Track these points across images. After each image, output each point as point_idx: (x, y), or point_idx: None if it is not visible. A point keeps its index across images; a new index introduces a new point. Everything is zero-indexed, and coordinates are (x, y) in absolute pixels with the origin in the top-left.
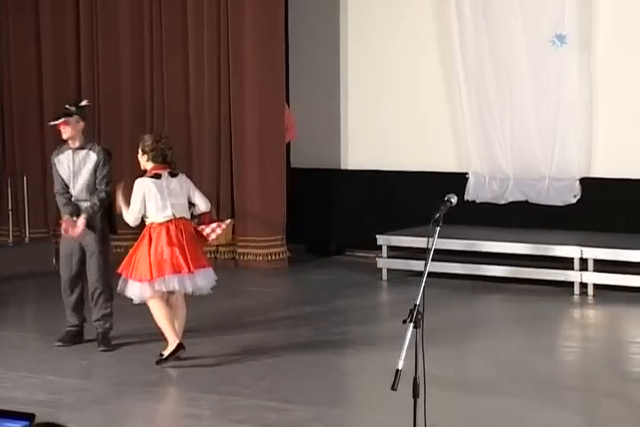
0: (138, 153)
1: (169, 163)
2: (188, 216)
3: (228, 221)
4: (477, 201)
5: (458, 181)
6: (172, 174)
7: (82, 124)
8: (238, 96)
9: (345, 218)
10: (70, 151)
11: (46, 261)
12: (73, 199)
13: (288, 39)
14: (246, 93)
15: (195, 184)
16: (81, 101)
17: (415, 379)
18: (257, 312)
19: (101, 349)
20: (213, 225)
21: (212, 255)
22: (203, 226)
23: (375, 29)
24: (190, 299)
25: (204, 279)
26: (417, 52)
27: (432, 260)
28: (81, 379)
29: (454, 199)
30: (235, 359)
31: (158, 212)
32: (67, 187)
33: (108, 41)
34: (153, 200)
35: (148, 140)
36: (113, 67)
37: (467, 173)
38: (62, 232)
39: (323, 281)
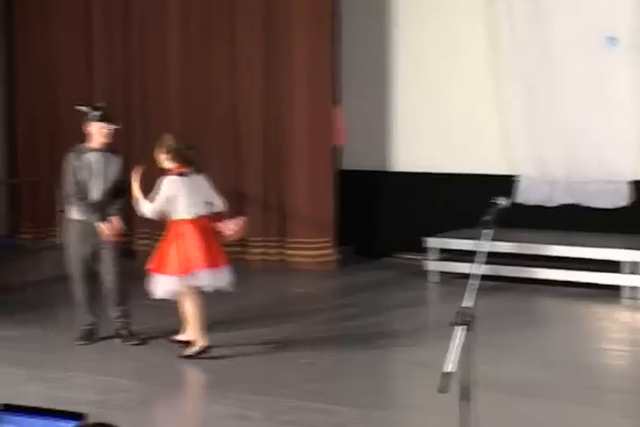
0: (157, 152)
1: (190, 162)
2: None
3: (243, 218)
4: (527, 204)
5: (507, 183)
6: (194, 173)
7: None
8: (287, 98)
9: (393, 220)
10: (96, 153)
11: None
12: (89, 202)
13: (338, 40)
14: (295, 95)
15: (243, 186)
16: (101, 104)
17: (463, 381)
18: (304, 314)
19: (133, 343)
20: (229, 222)
21: (262, 257)
22: (219, 223)
23: (425, 30)
24: (238, 299)
25: (228, 275)
26: (467, 53)
27: (482, 262)
28: (131, 379)
29: (504, 202)
30: (282, 361)
31: (186, 209)
32: (83, 190)
33: (156, 46)
34: (182, 198)
35: (168, 139)
36: (161, 72)
37: (516, 176)
38: (105, 234)
39: (370, 283)
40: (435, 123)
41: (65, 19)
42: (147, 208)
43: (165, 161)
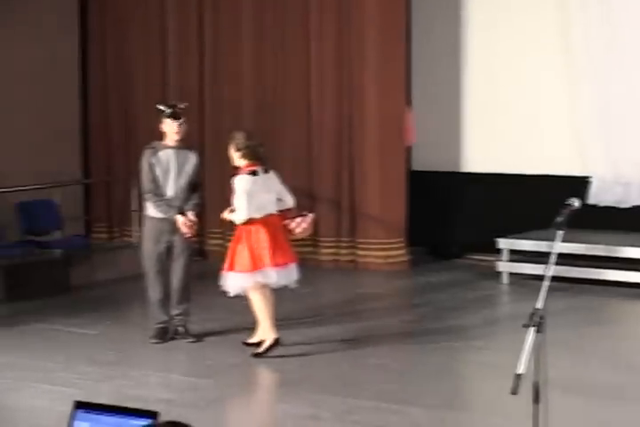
0: (229, 150)
1: (261, 159)
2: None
3: (311, 215)
4: (600, 205)
5: (580, 184)
6: (265, 171)
7: (186, 126)
8: (359, 98)
9: (465, 221)
10: (171, 151)
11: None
12: (166, 199)
13: (410, 40)
14: (367, 95)
15: (315, 186)
16: (181, 103)
17: (536, 383)
18: (375, 314)
19: (189, 340)
20: (298, 220)
21: (333, 258)
22: (288, 220)
23: (496, 29)
24: (309, 299)
25: (295, 273)
26: (538, 51)
27: (554, 264)
28: (203, 378)
29: (577, 203)
30: (353, 361)
31: (258, 208)
32: (159, 187)
33: (230, 44)
34: (253, 196)
35: (240, 137)
36: (235, 67)
37: (589, 177)
38: (184, 231)
39: (442, 284)
40: (507, 123)
41: (140, 21)
42: (240, 216)
43: (237, 159)
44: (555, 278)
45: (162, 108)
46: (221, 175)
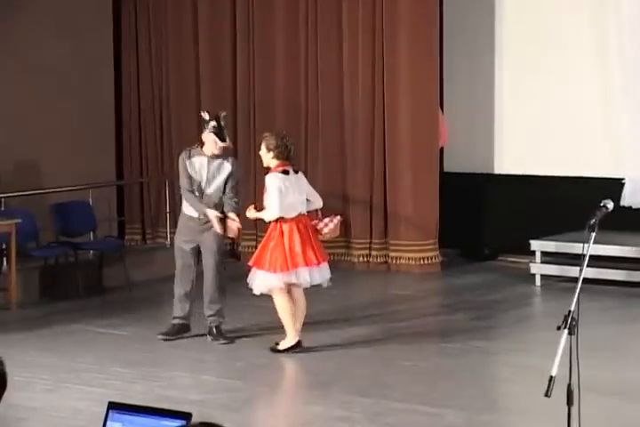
0: (260, 150)
1: (292, 160)
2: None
3: (339, 217)
4: (634, 207)
5: (614, 186)
6: (295, 171)
7: None
8: (392, 100)
9: (498, 223)
10: (205, 158)
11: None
12: (201, 199)
13: (443, 40)
14: (400, 97)
15: (348, 188)
16: (222, 113)
17: (569, 386)
18: (407, 315)
19: (221, 342)
20: (326, 220)
21: (365, 259)
22: (316, 221)
23: (530, 29)
24: (341, 300)
25: (328, 271)
26: (573, 53)
27: (587, 266)
28: (235, 379)
29: (610, 205)
30: (385, 362)
31: (290, 207)
32: (194, 188)
33: (263, 45)
34: (285, 196)
35: (271, 137)
36: (268, 68)
37: (623, 179)
38: (218, 230)
39: (475, 286)
40: (540, 125)
41: (173, 22)
42: (272, 213)
43: (269, 159)
44: (588, 280)
45: (206, 117)
46: (250, 177)
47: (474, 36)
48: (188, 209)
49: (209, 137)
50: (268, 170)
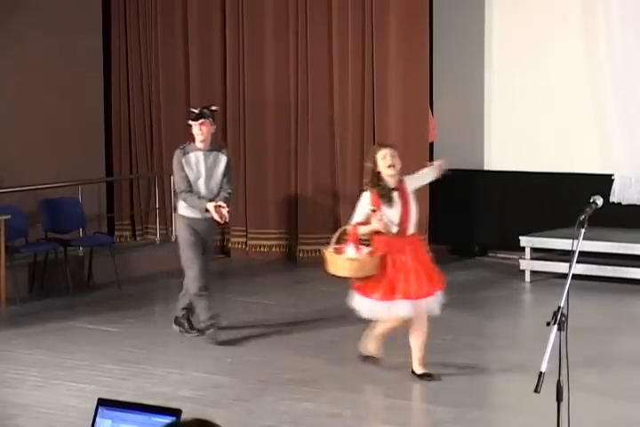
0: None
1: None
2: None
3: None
4: (623, 203)
5: (603, 182)
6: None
7: (214, 127)
8: (382, 97)
9: (488, 219)
10: (201, 153)
11: None
12: (199, 195)
13: (432, 39)
14: (390, 94)
15: (339, 185)
16: (211, 106)
17: (559, 382)
18: None
19: (212, 341)
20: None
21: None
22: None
23: (520, 26)
24: (328, 294)
25: (437, 301)
26: (562, 49)
27: (577, 262)
28: (225, 376)
29: (600, 201)
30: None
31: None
32: (191, 186)
33: (253, 44)
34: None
35: (392, 149)
36: (258, 67)
37: (612, 175)
38: (216, 217)
39: (465, 282)
40: (529, 121)
41: (162, 20)
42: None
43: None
44: (577, 276)
45: (193, 110)
46: (239, 177)
47: (463, 34)
48: (185, 211)
49: (191, 125)
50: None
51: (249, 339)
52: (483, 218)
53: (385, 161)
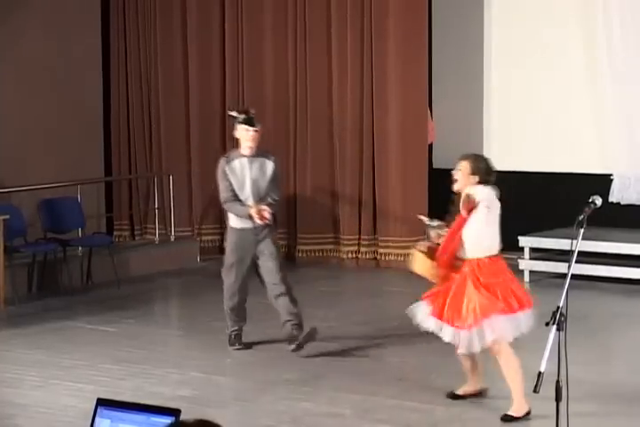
0: (460, 171)
1: (492, 183)
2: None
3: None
4: (622, 203)
5: (602, 182)
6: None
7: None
8: (381, 97)
9: None
10: (246, 159)
11: (191, 259)
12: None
13: (431, 39)
14: (389, 94)
15: (337, 184)
16: (250, 110)
17: (558, 382)
18: (397, 313)
19: (292, 348)
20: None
21: (354, 255)
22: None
23: (518, 28)
24: (328, 294)
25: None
26: (561, 50)
27: (576, 262)
28: (224, 376)
29: (599, 201)
30: (374, 359)
31: (487, 245)
32: (236, 196)
33: (252, 44)
34: (485, 231)
35: (478, 160)
36: (257, 69)
37: (611, 175)
38: (256, 220)
39: None
40: (528, 121)
41: (161, 21)
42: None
43: (473, 182)
44: (576, 276)
45: (234, 114)
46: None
47: (463, 35)
48: (234, 222)
49: (240, 129)
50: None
51: (247, 339)
52: None
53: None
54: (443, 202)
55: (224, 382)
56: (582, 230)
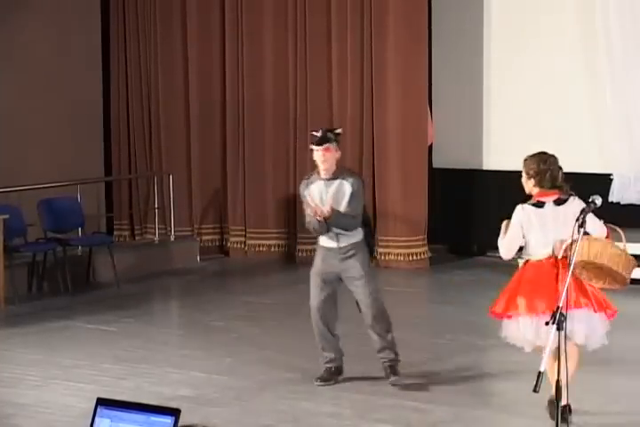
0: (522, 176)
1: (559, 187)
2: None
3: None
4: (622, 202)
5: (602, 182)
6: (559, 202)
7: (339, 153)
8: (381, 97)
9: (487, 218)
10: (322, 182)
11: (190, 259)
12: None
13: (431, 40)
14: (389, 94)
15: None
16: (336, 129)
17: (557, 382)
18: (397, 312)
19: (391, 381)
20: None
21: None
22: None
23: (518, 28)
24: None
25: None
26: (560, 50)
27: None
28: (224, 375)
29: (598, 201)
30: (374, 359)
31: (538, 247)
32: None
33: (252, 43)
34: (532, 233)
35: (532, 162)
36: (257, 69)
37: (611, 174)
38: (313, 215)
39: (464, 281)
40: (528, 121)
41: (162, 21)
42: (500, 247)
43: (531, 187)
44: None
45: (314, 133)
46: (238, 182)
47: (462, 34)
48: (321, 240)
49: (314, 151)
50: (528, 197)
51: (248, 338)
52: (481, 217)
53: None
54: (443, 202)
55: (224, 381)
56: (582, 230)
